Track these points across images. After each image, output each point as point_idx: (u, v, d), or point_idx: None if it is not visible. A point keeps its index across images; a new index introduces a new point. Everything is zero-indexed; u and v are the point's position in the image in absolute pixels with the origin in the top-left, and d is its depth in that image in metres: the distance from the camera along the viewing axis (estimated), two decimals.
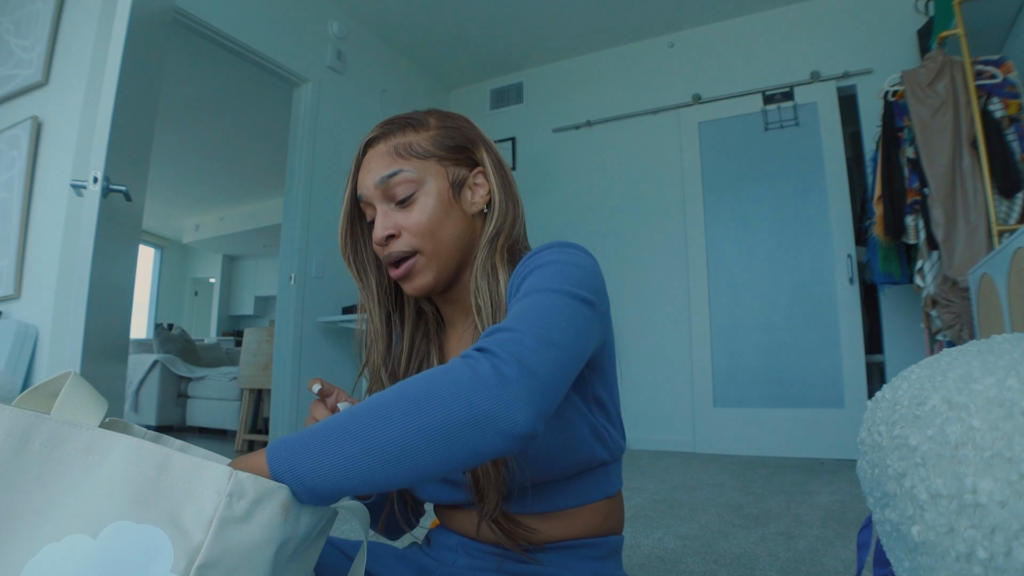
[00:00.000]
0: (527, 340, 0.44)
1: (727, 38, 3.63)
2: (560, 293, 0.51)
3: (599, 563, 0.63)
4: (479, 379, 0.41)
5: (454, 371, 0.42)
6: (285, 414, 3.00)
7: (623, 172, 3.82)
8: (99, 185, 1.56)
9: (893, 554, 0.48)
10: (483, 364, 0.42)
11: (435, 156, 0.65)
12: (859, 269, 3.16)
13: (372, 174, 0.64)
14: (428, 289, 0.64)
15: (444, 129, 0.66)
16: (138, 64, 1.69)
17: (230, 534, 0.37)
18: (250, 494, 0.38)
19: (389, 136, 0.65)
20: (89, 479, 0.38)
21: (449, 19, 3.63)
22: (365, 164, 0.65)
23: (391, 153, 0.64)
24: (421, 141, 0.65)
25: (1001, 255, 1.67)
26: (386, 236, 0.62)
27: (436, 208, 0.63)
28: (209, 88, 4.32)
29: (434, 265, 0.63)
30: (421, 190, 0.63)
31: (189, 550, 0.36)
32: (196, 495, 0.38)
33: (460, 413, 0.40)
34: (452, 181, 0.65)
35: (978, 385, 0.42)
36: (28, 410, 0.40)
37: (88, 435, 0.40)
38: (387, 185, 0.63)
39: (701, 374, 3.40)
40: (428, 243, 0.63)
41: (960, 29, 2.28)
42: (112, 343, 1.69)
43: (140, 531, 0.36)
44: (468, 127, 0.69)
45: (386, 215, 0.63)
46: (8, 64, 2.46)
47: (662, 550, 1.45)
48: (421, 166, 0.64)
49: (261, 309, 8.58)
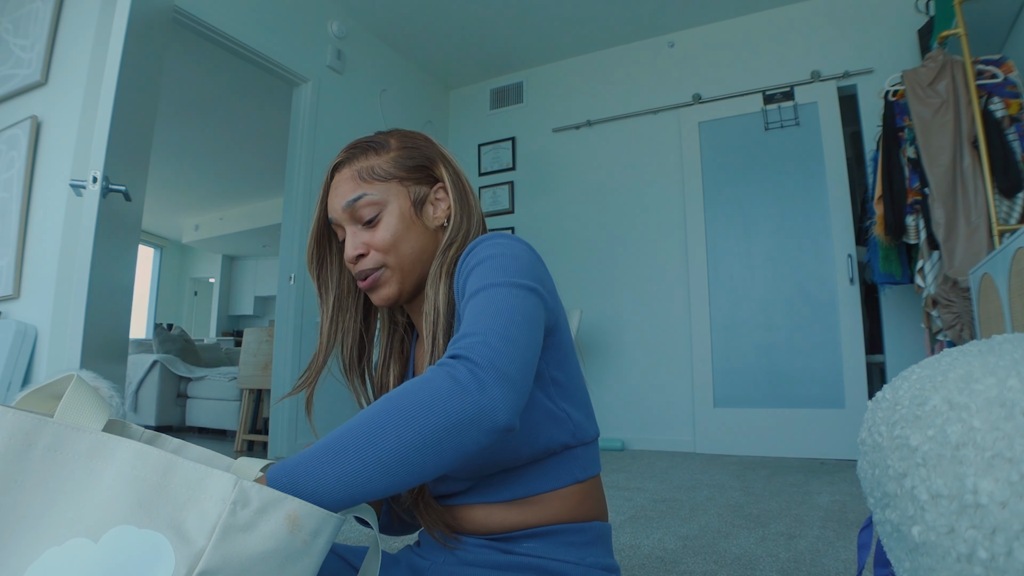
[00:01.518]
0: (492, 341, 0.49)
1: (727, 38, 3.63)
2: (506, 286, 0.55)
3: (584, 549, 0.63)
4: (459, 386, 0.45)
5: (435, 381, 0.46)
6: (285, 414, 3.00)
7: (623, 172, 3.82)
8: (98, 185, 1.56)
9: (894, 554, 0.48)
10: (460, 371, 0.46)
11: (396, 177, 0.69)
12: (860, 269, 3.16)
13: (339, 198, 0.68)
14: (393, 299, 0.68)
15: (404, 150, 0.70)
16: (138, 64, 1.69)
17: (233, 542, 0.37)
18: (255, 503, 0.38)
19: (353, 161, 0.69)
20: (92, 483, 0.38)
21: (449, 19, 3.62)
22: (333, 188, 0.69)
23: (355, 178, 0.68)
24: (383, 164, 0.69)
25: (1002, 255, 1.67)
26: (356, 255, 0.67)
27: (398, 226, 0.67)
28: (209, 88, 4.32)
29: (397, 277, 0.67)
30: (385, 210, 0.67)
31: (191, 556, 0.36)
32: (200, 502, 0.38)
33: (448, 419, 0.44)
34: (414, 200, 0.69)
35: (979, 385, 0.42)
36: (31, 412, 0.39)
37: (91, 439, 0.39)
38: (353, 208, 0.67)
39: (701, 374, 3.40)
40: (392, 258, 0.67)
41: (961, 29, 2.27)
42: (112, 343, 1.69)
43: (142, 536, 0.36)
44: (427, 146, 0.72)
45: (355, 235, 0.67)
46: (7, 64, 2.46)
47: (662, 550, 1.45)
48: (384, 188, 0.68)
49: (261, 309, 8.58)
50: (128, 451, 0.39)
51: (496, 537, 0.63)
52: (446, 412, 0.44)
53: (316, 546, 0.42)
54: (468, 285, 0.57)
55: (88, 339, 1.56)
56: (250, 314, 8.60)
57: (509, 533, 0.62)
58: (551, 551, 0.62)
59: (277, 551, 0.38)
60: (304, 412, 0.70)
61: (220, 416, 4.02)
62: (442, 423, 0.44)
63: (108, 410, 0.42)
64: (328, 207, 0.69)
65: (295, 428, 3.02)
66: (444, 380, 0.45)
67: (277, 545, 0.38)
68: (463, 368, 0.46)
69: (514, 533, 0.62)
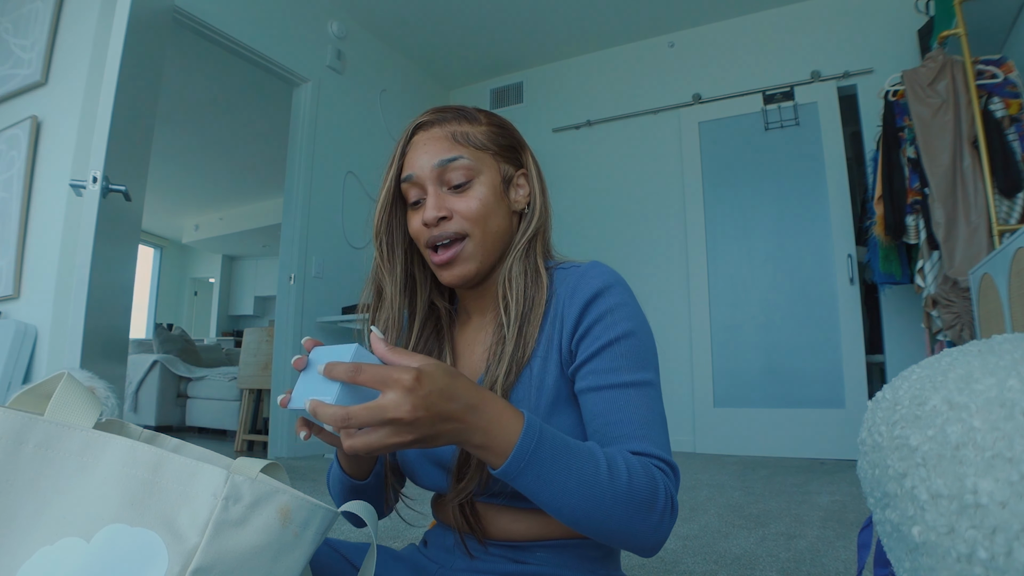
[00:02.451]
0: (675, 476, 0.55)
1: (727, 38, 3.63)
2: (657, 389, 0.60)
3: (596, 563, 0.63)
4: (656, 506, 0.51)
5: (651, 484, 0.51)
6: (285, 414, 3.00)
7: (623, 172, 3.82)
8: (98, 185, 1.56)
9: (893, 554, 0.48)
10: (661, 496, 0.52)
11: (490, 150, 0.66)
12: (859, 269, 3.16)
13: (429, 156, 0.64)
14: (469, 278, 0.64)
15: (496, 128, 0.68)
16: (138, 64, 1.69)
17: (226, 538, 0.37)
18: (247, 498, 0.38)
19: (444, 123, 0.66)
20: (83, 481, 0.38)
21: (449, 19, 3.62)
22: (419, 145, 0.65)
23: (449, 139, 0.64)
24: (478, 133, 0.66)
25: (1002, 255, 1.67)
26: (439, 217, 0.63)
27: (489, 198, 0.65)
28: (209, 88, 4.32)
29: (479, 254, 0.64)
30: (477, 179, 0.64)
31: (184, 554, 0.36)
32: (191, 498, 0.37)
33: (630, 519, 0.50)
34: (503, 176, 0.67)
35: (979, 385, 0.42)
36: (22, 411, 0.39)
37: (82, 436, 0.39)
38: (445, 169, 0.63)
39: (701, 374, 3.40)
40: (478, 230, 0.63)
41: (961, 29, 2.27)
42: (112, 343, 1.69)
43: (134, 534, 0.36)
44: (514, 130, 0.71)
45: (439, 197, 0.63)
46: (7, 64, 2.46)
47: (662, 550, 1.45)
48: (478, 156, 0.65)
49: (261, 309, 8.58)
50: (119, 448, 0.39)
51: (512, 545, 0.62)
52: (635, 513, 0.50)
53: (307, 537, 0.42)
54: (601, 333, 0.59)
55: (88, 339, 1.56)
56: (250, 314, 8.60)
57: (527, 542, 0.62)
58: (562, 562, 0.61)
59: (270, 544, 0.38)
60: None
61: (220, 416, 4.02)
62: (623, 517, 0.50)
63: (99, 408, 0.42)
64: (409, 164, 0.65)
65: (295, 428, 3.02)
66: (654, 491, 0.51)
67: (269, 538, 0.38)
68: (664, 495, 0.52)
69: (531, 543, 0.62)
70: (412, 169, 0.65)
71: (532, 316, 0.63)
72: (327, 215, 3.33)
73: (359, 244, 3.52)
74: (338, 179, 3.43)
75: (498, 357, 0.62)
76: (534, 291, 0.64)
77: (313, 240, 3.23)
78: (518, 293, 0.63)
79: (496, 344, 0.63)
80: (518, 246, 0.66)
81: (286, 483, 0.44)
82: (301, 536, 0.41)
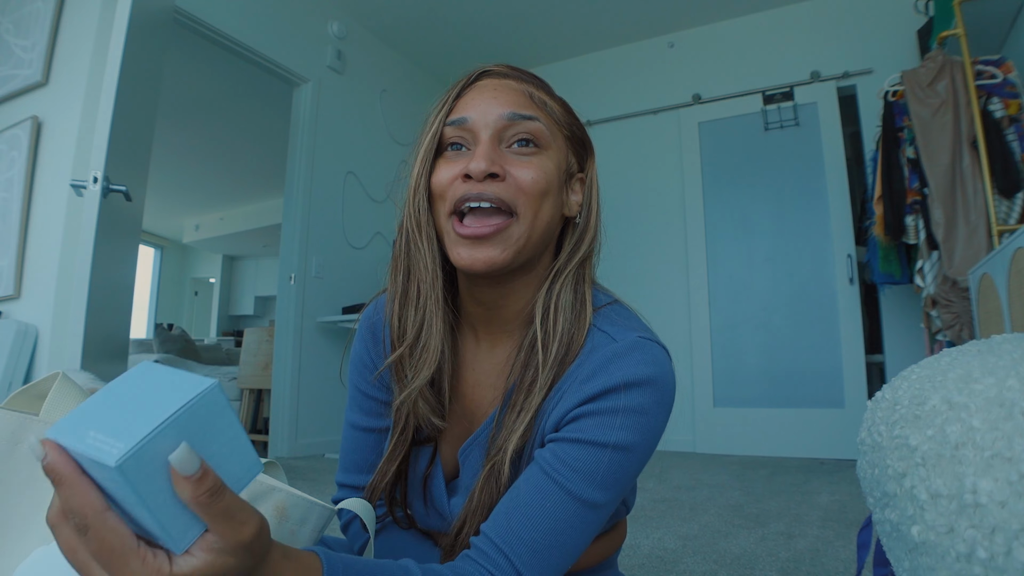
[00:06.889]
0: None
1: (727, 38, 3.63)
2: (602, 514, 0.48)
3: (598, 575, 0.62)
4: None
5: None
6: (285, 414, 3.00)
7: (623, 172, 3.82)
8: (99, 185, 1.56)
9: (893, 554, 0.48)
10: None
11: (564, 131, 0.56)
12: (859, 269, 3.16)
13: (500, 103, 0.52)
14: (498, 266, 0.51)
15: (573, 115, 0.58)
16: (138, 64, 1.69)
17: None
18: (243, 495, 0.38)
19: (521, 80, 0.55)
20: None
21: (449, 19, 3.62)
22: (486, 89, 0.54)
23: (526, 96, 0.54)
24: (556, 106, 0.56)
25: (1001, 255, 1.67)
26: (490, 172, 0.50)
27: (553, 177, 0.53)
28: (209, 88, 4.32)
29: (521, 241, 0.51)
30: (544, 153, 0.53)
31: None
32: None
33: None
34: (567, 167, 0.56)
35: (978, 385, 0.42)
36: (17, 411, 0.39)
37: None
38: (514, 123, 0.52)
39: (701, 374, 3.40)
40: (529, 209, 0.51)
41: (960, 29, 2.27)
42: (112, 343, 1.69)
43: None
44: (586, 130, 0.61)
45: (495, 150, 0.51)
46: (8, 64, 2.46)
47: (662, 550, 1.45)
48: (553, 129, 0.54)
49: (261, 309, 8.58)
50: None
51: None
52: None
53: (304, 534, 0.42)
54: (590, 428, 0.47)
55: (88, 339, 1.56)
56: (250, 314, 8.59)
57: None
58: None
59: None
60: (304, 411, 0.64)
61: None
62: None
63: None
64: (465, 106, 0.53)
65: (295, 428, 3.02)
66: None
67: None
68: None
69: None
70: (469, 111, 0.52)
71: (566, 360, 0.51)
72: (327, 215, 3.33)
73: (359, 244, 3.53)
74: (338, 179, 3.43)
75: (517, 410, 0.51)
76: (575, 331, 0.52)
77: (313, 240, 3.23)
78: (562, 330, 0.51)
79: (520, 392, 0.51)
80: (570, 266, 0.54)
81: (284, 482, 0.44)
82: (298, 533, 0.41)
